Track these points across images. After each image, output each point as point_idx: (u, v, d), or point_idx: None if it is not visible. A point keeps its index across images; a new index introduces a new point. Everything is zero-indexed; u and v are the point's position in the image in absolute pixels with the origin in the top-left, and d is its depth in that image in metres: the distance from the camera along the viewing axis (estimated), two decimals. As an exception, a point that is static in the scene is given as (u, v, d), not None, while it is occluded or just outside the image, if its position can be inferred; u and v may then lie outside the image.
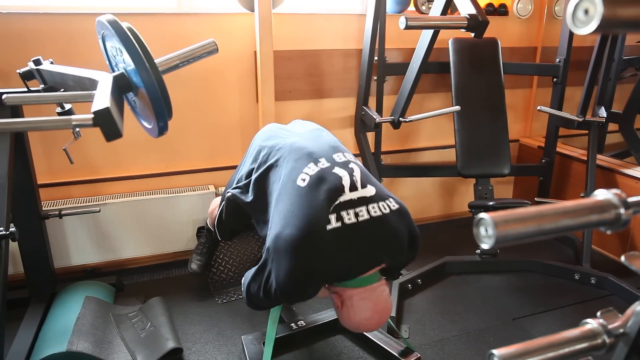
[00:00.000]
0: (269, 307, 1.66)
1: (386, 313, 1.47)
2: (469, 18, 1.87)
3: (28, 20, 2.06)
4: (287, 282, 1.38)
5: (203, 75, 2.35)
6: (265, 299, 1.49)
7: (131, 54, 1.17)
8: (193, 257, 2.27)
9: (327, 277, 1.42)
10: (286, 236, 1.36)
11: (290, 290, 1.40)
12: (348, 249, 1.37)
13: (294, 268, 1.35)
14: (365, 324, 1.45)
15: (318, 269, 1.37)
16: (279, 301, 1.53)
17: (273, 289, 1.42)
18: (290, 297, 1.46)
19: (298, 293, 1.43)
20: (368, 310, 1.43)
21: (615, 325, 0.66)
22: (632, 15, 0.48)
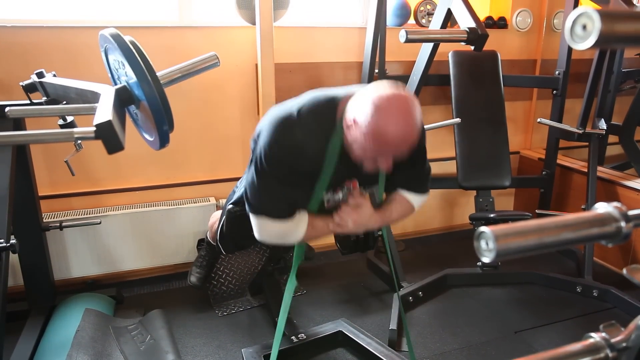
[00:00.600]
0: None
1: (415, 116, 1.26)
2: (469, 31, 1.88)
3: (31, 34, 2.08)
4: (271, 147, 1.35)
5: (204, 88, 2.37)
6: (251, 197, 1.43)
7: (133, 67, 1.18)
8: (192, 270, 2.26)
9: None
10: (266, 120, 1.41)
11: (277, 158, 1.35)
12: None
13: (276, 136, 1.35)
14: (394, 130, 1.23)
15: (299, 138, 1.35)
16: (263, 194, 1.43)
17: (258, 161, 1.38)
18: (277, 165, 1.38)
19: (284, 161, 1.37)
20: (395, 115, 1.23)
21: (618, 339, 0.66)
22: (630, 30, 0.49)
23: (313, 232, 1.51)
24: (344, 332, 1.96)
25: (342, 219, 1.49)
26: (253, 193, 1.44)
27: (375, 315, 2.18)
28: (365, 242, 1.83)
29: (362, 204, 1.51)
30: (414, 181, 1.61)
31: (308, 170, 1.41)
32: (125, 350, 1.84)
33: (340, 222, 1.50)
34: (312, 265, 2.63)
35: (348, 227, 1.50)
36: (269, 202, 1.43)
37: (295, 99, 1.44)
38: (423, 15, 2.73)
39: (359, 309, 2.24)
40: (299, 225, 1.48)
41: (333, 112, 1.37)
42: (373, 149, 1.27)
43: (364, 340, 1.89)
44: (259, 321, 2.15)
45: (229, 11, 2.40)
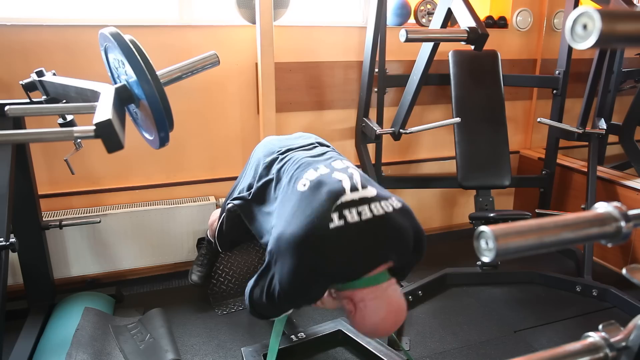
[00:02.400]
0: (273, 316, 1.62)
1: (401, 312, 1.44)
2: (469, 31, 1.88)
3: (31, 32, 2.07)
4: (290, 282, 1.36)
5: (204, 86, 2.37)
6: (268, 305, 1.46)
7: (133, 66, 1.18)
8: (193, 268, 2.26)
9: (331, 275, 1.40)
10: (289, 235, 1.35)
11: (294, 291, 1.38)
12: (352, 247, 1.36)
13: (298, 266, 1.33)
14: (382, 324, 1.41)
15: (322, 266, 1.35)
16: (283, 306, 1.50)
17: (277, 291, 1.40)
18: (293, 299, 1.44)
19: (302, 294, 1.41)
20: (382, 310, 1.39)
21: (618, 338, 0.66)
22: (630, 30, 0.49)
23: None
24: (344, 331, 1.96)
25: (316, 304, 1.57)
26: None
27: (374, 315, 2.18)
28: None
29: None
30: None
31: None
32: (124, 349, 1.84)
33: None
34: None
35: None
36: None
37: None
38: (423, 15, 2.73)
39: (359, 308, 2.24)
40: None
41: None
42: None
43: (363, 339, 1.89)
44: (259, 320, 2.15)
45: (229, 10, 2.40)
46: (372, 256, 1.39)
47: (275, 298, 1.41)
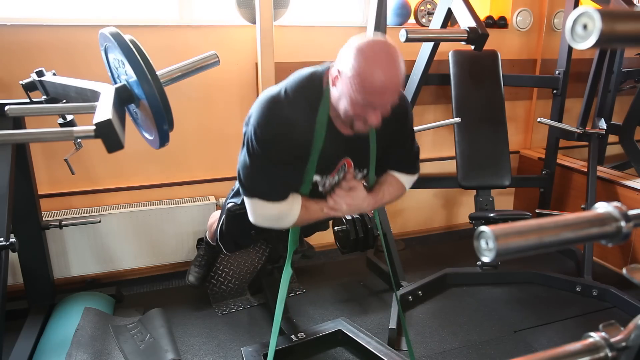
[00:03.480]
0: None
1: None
2: (469, 31, 1.88)
3: (31, 32, 2.07)
4: (260, 126, 1.35)
5: (204, 86, 2.37)
6: (244, 179, 1.42)
7: (133, 66, 1.18)
8: (191, 269, 2.26)
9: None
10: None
11: (267, 137, 1.35)
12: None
13: (265, 114, 1.35)
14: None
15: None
16: (261, 170, 1.41)
17: (251, 140, 1.38)
18: (268, 144, 1.37)
19: (275, 138, 1.36)
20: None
21: (618, 338, 0.66)
22: (630, 30, 0.49)
23: (307, 215, 1.49)
24: (344, 331, 1.96)
25: (336, 202, 1.49)
26: (246, 175, 1.43)
27: (374, 315, 2.18)
28: (365, 241, 1.83)
29: (356, 187, 1.50)
30: (404, 162, 1.62)
31: (299, 147, 1.39)
32: (124, 348, 1.84)
33: (334, 205, 1.49)
34: (312, 264, 2.63)
35: (342, 210, 1.50)
36: (262, 184, 1.42)
37: (282, 81, 1.44)
38: (423, 15, 2.73)
39: (359, 308, 2.24)
40: (293, 207, 1.46)
41: (319, 83, 1.38)
42: (359, 97, 1.25)
43: (363, 339, 1.89)
44: (259, 320, 2.15)
45: (229, 10, 2.40)
46: None
47: (252, 141, 1.37)
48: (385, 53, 1.23)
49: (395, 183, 1.61)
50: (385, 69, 1.22)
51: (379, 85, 1.22)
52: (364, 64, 1.22)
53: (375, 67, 1.21)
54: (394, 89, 1.26)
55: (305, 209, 1.48)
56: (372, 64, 1.22)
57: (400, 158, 1.61)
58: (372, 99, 1.25)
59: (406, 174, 1.63)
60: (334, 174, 1.51)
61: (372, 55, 1.22)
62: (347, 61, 1.25)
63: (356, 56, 1.23)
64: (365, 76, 1.22)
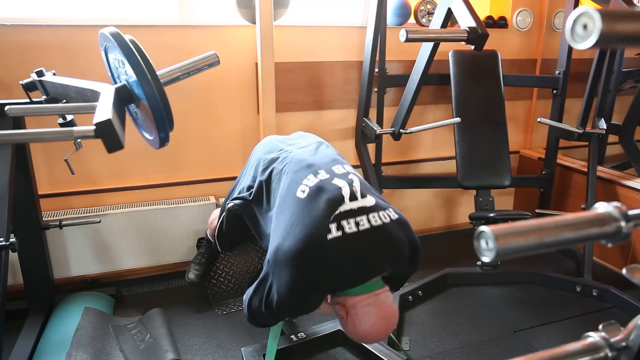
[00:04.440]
0: (271, 324, 1.63)
1: (392, 319, 1.45)
2: (469, 31, 1.88)
3: (31, 32, 2.07)
4: (288, 294, 1.37)
5: (204, 86, 2.37)
6: (267, 314, 1.47)
7: (133, 66, 1.18)
8: (191, 267, 2.26)
9: (329, 287, 1.41)
10: (287, 247, 1.36)
11: (292, 302, 1.39)
12: (349, 258, 1.36)
13: (296, 279, 1.34)
14: (371, 331, 1.42)
15: (320, 278, 1.36)
16: (281, 315, 1.51)
17: (275, 302, 1.40)
18: (291, 309, 1.45)
19: (300, 305, 1.42)
20: (373, 316, 1.40)
21: (618, 338, 0.66)
22: (630, 30, 0.49)
23: None
24: (344, 331, 1.95)
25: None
26: None
27: (374, 315, 2.18)
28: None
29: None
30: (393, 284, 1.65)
31: None
32: (124, 348, 1.84)
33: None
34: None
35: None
36: None
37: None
38: (423, 15, 2.73)
39: (359, 308, 2.24)
40: None
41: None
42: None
43: (363, 339, 1.89)
44: (259, 320, 2.15)
45: (229, 10, 2.40)
46: (367, 267, 1.40)
47: (274, 308, 1.42)
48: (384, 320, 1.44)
49: None
50: (381, 331, 1.44)
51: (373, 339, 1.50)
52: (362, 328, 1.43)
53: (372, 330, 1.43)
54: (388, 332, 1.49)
55: None
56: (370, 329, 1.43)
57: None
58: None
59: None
60: None
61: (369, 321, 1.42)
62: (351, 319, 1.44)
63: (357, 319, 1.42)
64: (361, 335, 1.46)
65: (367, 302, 1.41)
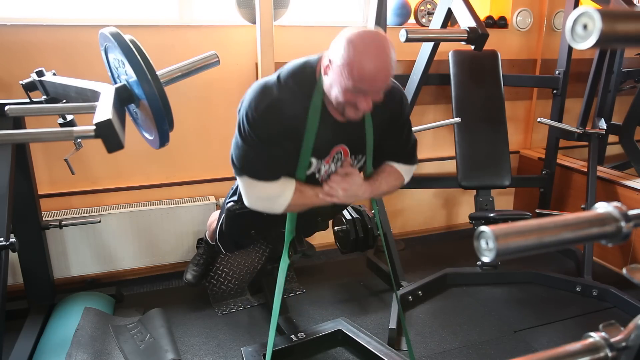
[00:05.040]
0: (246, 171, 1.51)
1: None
2: (469, 31, 1.88)
3: (31, 32, 2.07)
4: (252, 108, 1.36)
5: (204, 86, 2.37)
6: (236, 159, 1.46)
7: (133, 66, 1.18)
8: (189, 267, 2.26)
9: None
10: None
11: (258, 118, 1.36)
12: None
13: (256, 97, 1.37)
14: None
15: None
16: (253, 140, 1.41)
17: (243, 116, 1.39)
18: (259, 125, 1.37)
19: (266, 119, 1.37)
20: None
21: (618, 338, 0.66)
22: (630, 30, 0.49)
23: (301, 199, 1.48)
24: (344, 331, 1.95)
25: (332, 188, 1.48)
26: (237, 155, 1.47)
27: (374, 314, 2.18)
28: (365, 241, 1.83)
29: (352, 173, 1.50)
30: (402, 152, 1.62)
31: (291, 128, 1.40)
32: (124, 348, 1.84)
33: (330, 190, 1.48)
34: (312, 264, 2.63)
35: (338, 196, 1.48)
36: (253, 162, 1.44)
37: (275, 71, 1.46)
38: (423, 15, 2.73)
39: (359, 308, 2.24)
40: (286, 188, 1.46)
41: (312, 71, 1.40)
42: (349, 84, 1.27)
43: (363, 339, 1.89)
44: (259, 320, 2.15)
45: (229, 10, 2.40)
46: None
47: (243, 122, 1.40)
48: (374, 41, 1.27)
49: (393, 172, 1.61)
50: (375, 56, 1.25)
51: (369, 72, 1.25)
52: (354, 52, 1.25)
53: (364, 54, 1.25)
54: (384, 75, 1.28)
55: (300, 192, 1.47)
56: (362, 51, 1.25)
57: (398, 148, 1.61)
58: (362, 85, 1.27)
59: (404, 164, 1.63)
60: (329, 160, 1.51)
61: (361, 44, 1.26)
62: (338, 50, 1.28)
63: (346, 45, 1.26)
64: (354, 64, 1.24)
65: None
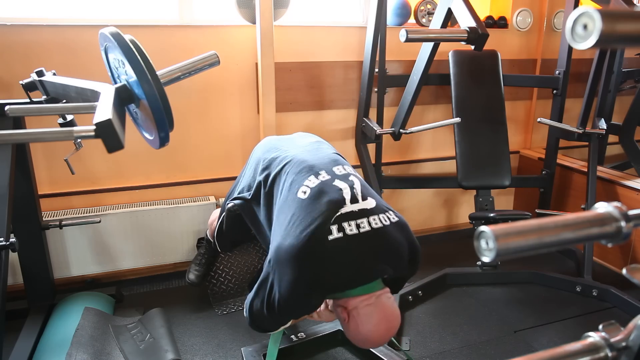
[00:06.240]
0: (272, 328, 1.62)
1: (394, 320, 1.45)
2: (469, 31, 1.88)
3: (31, 32, 2.07)
4: (289, 292, 1.37)
5: (204, 86, 2.37)
6: (268, 316, 1.47)
7: (133, 66, 1.18)
8: (191, 268, 2.26)
9: (329, 286, 1.41)
10: (287, 247, 1.36)
11: (293, 301, 1.39)
12: (350, 259, 1.37)
13: (297, 276, 1.35)
14: (374, 331, 1.42)
15: (320, 277, 1.36)
16: (282, 316, 1.50)
17: (276, 301, 1.41)
18: (292, 309, 1.45)
19: (301, 304, 1.42)
20: (375, 317, 1.41)
21: (618, 338, 0.66)
22: (630, 30, 0.49)
23: None
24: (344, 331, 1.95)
25: (319, 316, 1.65)
26: None
27: (374, 315, 2.18)
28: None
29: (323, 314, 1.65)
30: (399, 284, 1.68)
31: None
32: (124, 348, 1.84)
33: (315, 318, 1.66)
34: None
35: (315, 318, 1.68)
36: None
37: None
38: (423, 15, 2.73)
39: (359, 308, 2.24)
40: None
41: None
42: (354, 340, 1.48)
43: (363, 339, 1.89)
44: (259, 320, 2.15)
45: (229, 10, 2.40)
46: (368, 268, 1.41)
47: (275, 308, 1.42)
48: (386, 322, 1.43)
49: None
50: (383, 333, 1.43)
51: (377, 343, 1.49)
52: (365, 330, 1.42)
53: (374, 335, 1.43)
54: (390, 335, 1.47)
55: None
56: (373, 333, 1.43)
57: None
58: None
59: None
60: None
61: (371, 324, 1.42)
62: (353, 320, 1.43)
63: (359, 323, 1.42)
64: (364, 338, 1.44)
65: (368, 303, 1.41)
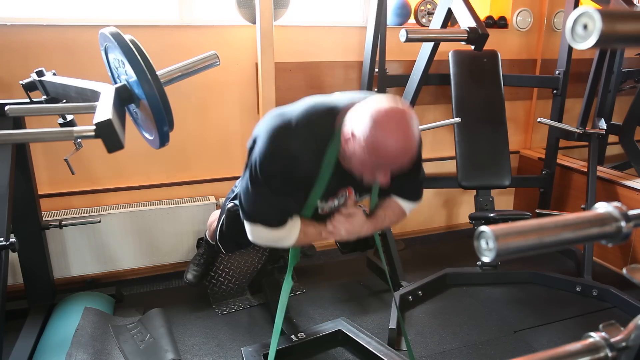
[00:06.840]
0: (253, 217, 1.49)
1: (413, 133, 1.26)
2: (469, 31, 1.88)
3: (31, 32, 2.07)
4: (266, 158, 1.34)
5: (204, 86, 2.37)
6: (245, 204, 1.44)
7: (133, 66, 1.18)
8: (189, 267, 2.26)
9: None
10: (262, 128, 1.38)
11: (272, 169, 1.35)
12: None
13: (272, 146, 1.34)
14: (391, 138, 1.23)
15: (294, 147, 1.34)
16: (265, 190, 1.40)
17: (256, 165, 1.36)
18: (271, 176, 1.37)
19: (279, 171, 1.36)
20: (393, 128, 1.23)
21: (618, 338, 0.66)
22: (630, 30, 0.49)
23: (305, 239, 1.53)
24: (344, 331, 1.96)
25: (335, 227, 1.52)
26: (247, 200, 1.46)
27: (374, 314, 2.18)
28: (365, 242, 1.83)
29: (355, 214, 1.53)
30: (408, 189, 1.63)
31: (303, 180, 1.41)
32: (124, 348, 1.84)
33: (333, 230, 1.52)
34: (312, 264, 2.63)
35: (341, 235, 1.53)
36: (262, 210, 1.45)
37: (294, 105, 1.42)
38: (423, 15, 2.73)
39: (359, 308, 2.24)
40: (292, 232, 1.49)
41: (331, 122, 1.36)
42: (372, 162, 1.27)
43: (363, 339, 1.89)
44: (259, 320, 2.15)
45: (229, 10, 2.40)
46: None
47: (256, 171, 1.37)
48: (400, 124, 1.24)
49: (396, 208, 1.63)
50: (400, 136, 1.23)
51: (393, 151, 1.24)
52: (379, 131, 1.22)
53: (389, 134, 1.22)
54: (408, 154, 1.27)
55: (304, 234, 1.51)
56: (387, 131, 1.22)
57: (405, 185, 1.61)
58: (384, 165, 1.28)
59: (409, 201, 1.64)
60: (334, 199, 1.54)
61: (387, 123, 1.23)
62: (362, 127, 1.24)
63: (371, 125, 1.23)
64: (379, 144, 1.22)
65: None
